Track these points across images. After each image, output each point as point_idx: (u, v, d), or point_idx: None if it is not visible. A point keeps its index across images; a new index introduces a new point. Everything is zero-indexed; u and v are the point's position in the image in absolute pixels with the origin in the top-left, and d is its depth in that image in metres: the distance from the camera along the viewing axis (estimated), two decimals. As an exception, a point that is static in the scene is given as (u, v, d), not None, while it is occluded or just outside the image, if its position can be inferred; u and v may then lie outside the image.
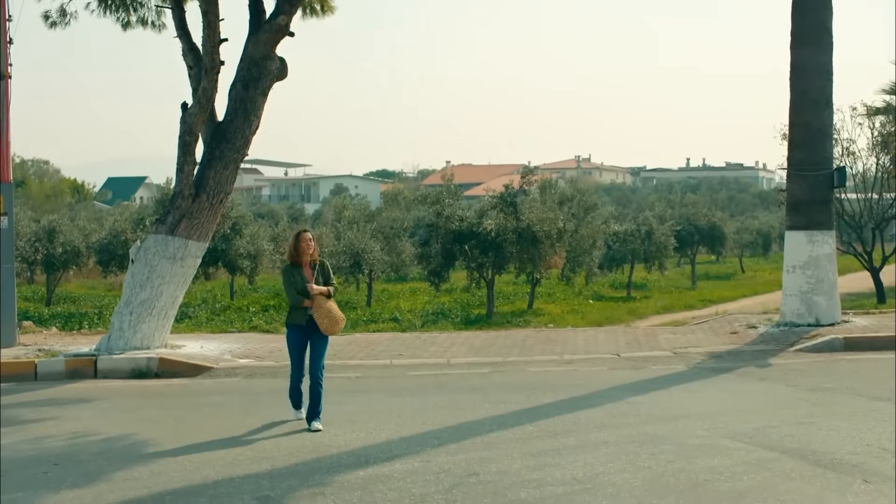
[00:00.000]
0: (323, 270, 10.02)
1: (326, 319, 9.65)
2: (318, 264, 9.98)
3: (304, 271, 9.84)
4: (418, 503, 6.86)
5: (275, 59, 14.91)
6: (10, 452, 8.81)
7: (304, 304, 9.70)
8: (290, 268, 9.91)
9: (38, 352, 14.56)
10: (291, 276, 9.83)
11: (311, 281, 9.76)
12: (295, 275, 9.82)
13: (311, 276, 9.82)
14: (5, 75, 15.10)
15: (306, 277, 9.79)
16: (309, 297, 9.70)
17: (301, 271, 9.84)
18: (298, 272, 9.83)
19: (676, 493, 7.02)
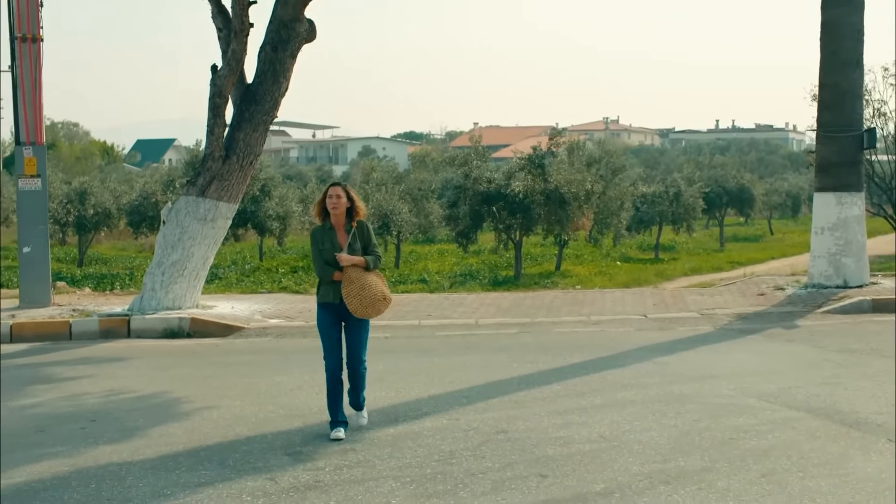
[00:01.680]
0: (361, 235, 7.97)
1: (357, 299, 7.72)
2: (354, 227, 7.95)
3: (338, 235, 7.92)
4: (447, 460, 7.00)
5: (304, 21, 14.95)
6: (48, 409, 9.02)
7: (333, 278, 7.85)
8: (321, 231, 7.99)
9: (73, 312, 14.77)
10: (320, 242, 7.93)
11: (343, 245, 7.87)
12: (324, 239, 7.92)
13: (343, 240, 7.89)
14: (38, 38, 15.22)
15: (339, 243, 7.88)
16: (339, 267, 7.83)
17: (333, 235, 7.91)
18: (329, 237, 7.91)
19: (702, 450, 7.12)
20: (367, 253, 7.97)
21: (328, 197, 7.92)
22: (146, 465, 7.03)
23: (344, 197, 7.91)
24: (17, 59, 15.22)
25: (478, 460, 6.96)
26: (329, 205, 7.90)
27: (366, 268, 7.85)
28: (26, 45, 15.16)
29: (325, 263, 7.89)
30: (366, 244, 8.00)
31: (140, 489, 6.45)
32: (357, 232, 7.96)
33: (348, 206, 7.93)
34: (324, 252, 7.90)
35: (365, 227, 8.05)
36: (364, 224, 8.05)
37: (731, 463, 6.80)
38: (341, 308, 7.83)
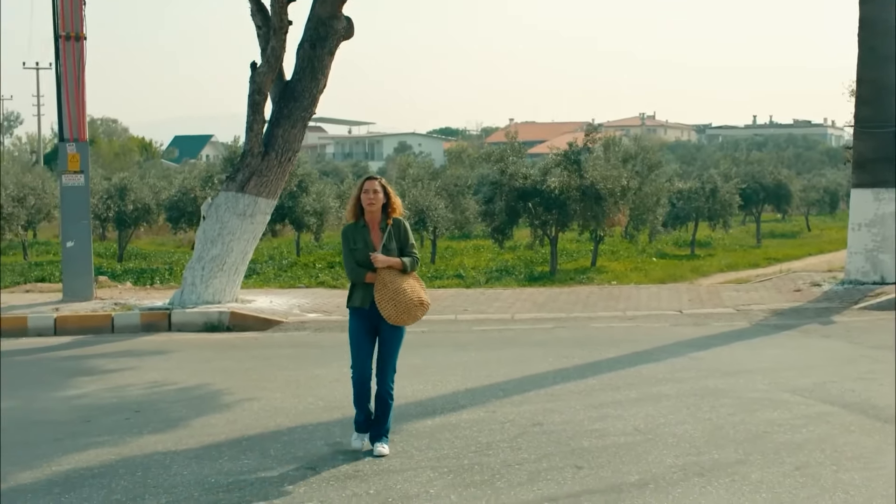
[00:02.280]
0: (397, 234, 7.30)
1: (392, 304, 7.05)
2: (389, 226, 7.27)
3: (371, 234, 7.26)
4: (484, 451, 7.12)
5: (341, 19, 15.11)
6: (93, 400, 9.23)
7: (365, 279, 7.19)
8: (353, 229, 7.32)
9: (115, 305, 15.01)
10: (352, 241, 7.27)
11: (377, 245, 7.21)
12: (356, 238, 7.26)
13: (378, 240, 7.24)
14: (81, 36, 15.47)
15: (372, 243, 7.22)
16: (373, 269, 7.16)
17: (366, 234, 7.26)
18: (362, 235, 7.26)
19: (736, 443, 7.20)
20: (403, 254, 7.26)
21: (363, 192, 7.21)
22: (189, 454, 7.20)
23: (381, 192, 7.21)
24: (60, 57, 15.47)
25: (514, 452, 7.08)
26: (364, 200, 7.19)
27: (402, 270, 7.15)
28: (70, 43, 15.41)
29: (357, 265, 7.22)
30: (402, 244, 7.30)
31: (185, 477, 6.62)
32: (393, 230, 7.27)
33: (384, 202, 7.24)
34: (356, 252, 7.22)
35: (402, 226, 7.33)
36: (401, 222, 7.34)
37: (765, 456, 6.88)
38: (374, 314, 7.13)
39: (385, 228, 7.28)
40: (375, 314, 7.15)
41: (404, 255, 7.26)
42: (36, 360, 11.72)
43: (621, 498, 6.06)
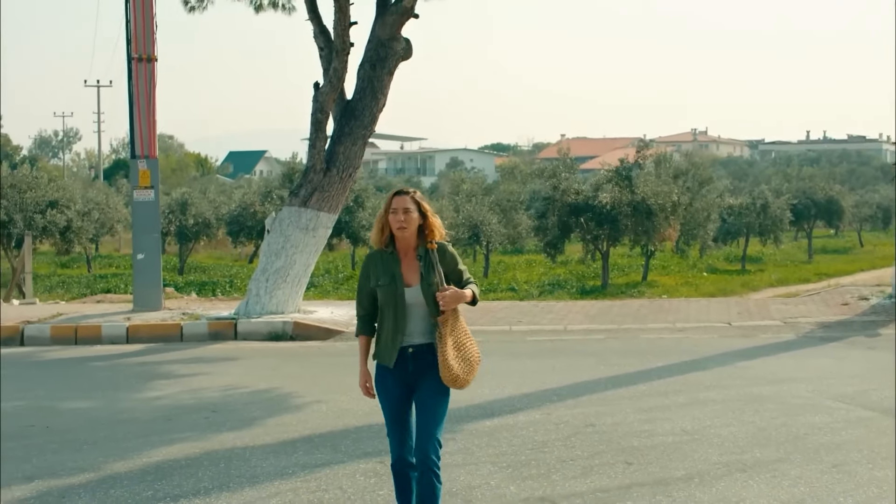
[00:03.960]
0: (443, 260, 5.60)
1: (461, 361, 5.50)
2: (430, 252, 5.58)
3: (403, 266, 5.58)
4: (540, 448, 7.64)
5: (400, 40, 15.70)
6: (172, 401, 9.85)
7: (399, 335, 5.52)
8: (378, 258, 5.65)
9: (182, 315, 15.69)
10: (376, 275, 5.60)
11: (411, 280, 5.53)
12: (383, 270, 5.59)
13: (413, 273, 5.55)
14: (153, 58, 16.21)
15: (402, 278, 5.54)
16: (403, 312, 5.52)
17: (395, 265, 5.58)
18: (389, 267, 5.58)
19: (777, 443, 7.66)
20: (460, 285, 5.64)
21: (391, 212, 5.55)
22: (267, 449, 7.78)
23: (414, 210, 5.55)
24: (133, 78, 16.23)
25: (568, 449, 7.59)
26: (393, 222, 5.54)
27: (472, 302, 5.63)
28: (142, 64, 16.16)
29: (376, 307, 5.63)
30: (451, 273, 5.63)
31: (264, 468, 7.20)
32: (438, 258, 5.57)
33: (420, 222, 5.58)
34: (382, 289, 5.53)
35: (446, 251, 5.65)
36: (445, 247, 5.66)
37: (805, 455, 7.33)
38: (409, 373, 5.54)
39: (423, 257, 5.59)
40: (412, 374, 5.54)
41: (462, 286, 5.63)
42: (113, 366, 12.39)
43: (668, 490, 6.56)
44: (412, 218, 5.57)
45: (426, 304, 5.54)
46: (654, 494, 6.49)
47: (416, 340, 5.55)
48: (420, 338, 5.55)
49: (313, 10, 16.02)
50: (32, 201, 22.35)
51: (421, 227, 5.62)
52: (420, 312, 5.54)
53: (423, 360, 5.54)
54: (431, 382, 5.53)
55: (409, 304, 5.55)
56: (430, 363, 5.52)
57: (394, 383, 5.59)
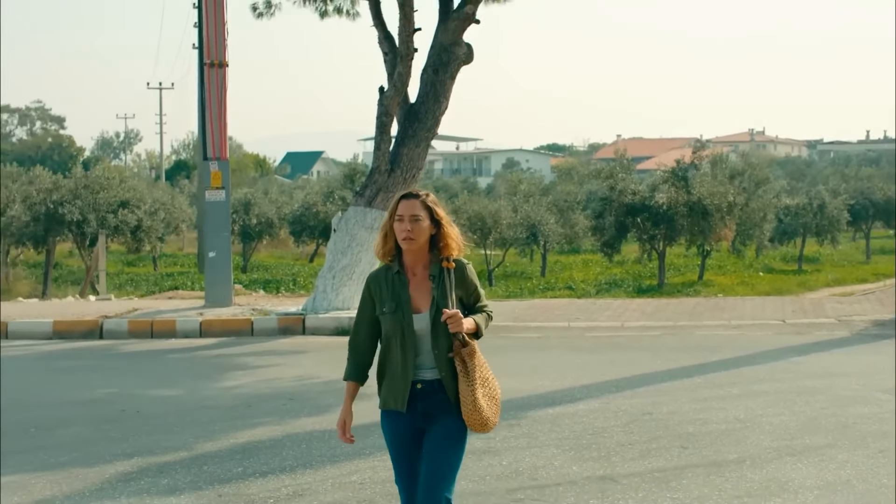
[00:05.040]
0: (462, 282, 4.78)
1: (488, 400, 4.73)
2: (445, 271, 4.73)
3: (411, 287, 4.76)
4: (600, 433, 8.11)
5: (462, 45, 16.21)
6: (250, 390, 10.45)
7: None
8: (382, 277, 4.82)
9: (252, 311, 16.32)
10: (381, 299, 4.77)
11: (420, 305, 4.72)
12: (387, 293, 4.76)
13: (423, 296, 4.73)
14: (224, 64, 16.87)
15: (410, 302, 4.72)
16: (413, 344, 4.70)
17: (402, 287, 4.75)
18: (395, 289, 4.76)
19: (826, 431, 8.07)
20: (473, 311, 4.80)
21: (396, 219, 4.71)
22: (360, 429, 8.30)
23: (425, 218, 4.70)
24: (205, 83, 16.90)
25: (627, 434, 8.06)
26: (398, 232, 4.70)
27: (475, 335, 4.72)
28: (214, 70, 16.83)
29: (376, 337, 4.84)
30: (468, 297, 4.81)
31: (343, 449, 7.73)
32: (450, 280, 4.72)
33: (433, 232, 4.74)
34: (388, 318, 4.72)
35: (464, 273, 4.80)
36: (464, 267, 4.81)
37: (852, 441, 7.74)
38: (419, 418, 4.74)
39: (437, 277, 4.74)
40: (422, 419, 4.74)
41: (473, 311, 4.79)
42: (190, 358, 13.03)
43: (721, 471, 7.02)
44: (422, 227, 4.68)
45: (434, 336, 4.66)
46: (708, 474, 6.94)
47: (426, 375, 4.69)
48: (429, 373, 4.69)
49: (378, 16, 16.56)
50: (105, 201, 23.16)
51: (434, 239, 4.73)
52: (429, 344, 4.68)
53: (433, 398, 4.67)
54: (443, 427, 4.68)
55: (420, 335, 4.70)
56: (441, 403, 4.66)
57: (403, 427, 4.79)
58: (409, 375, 4.69)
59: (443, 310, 4.60)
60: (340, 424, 5.00)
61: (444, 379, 4.67)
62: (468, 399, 4.61)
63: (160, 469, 7.31)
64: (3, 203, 23.53)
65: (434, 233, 4.72)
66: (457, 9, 16.08)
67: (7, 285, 23.39)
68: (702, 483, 6.76)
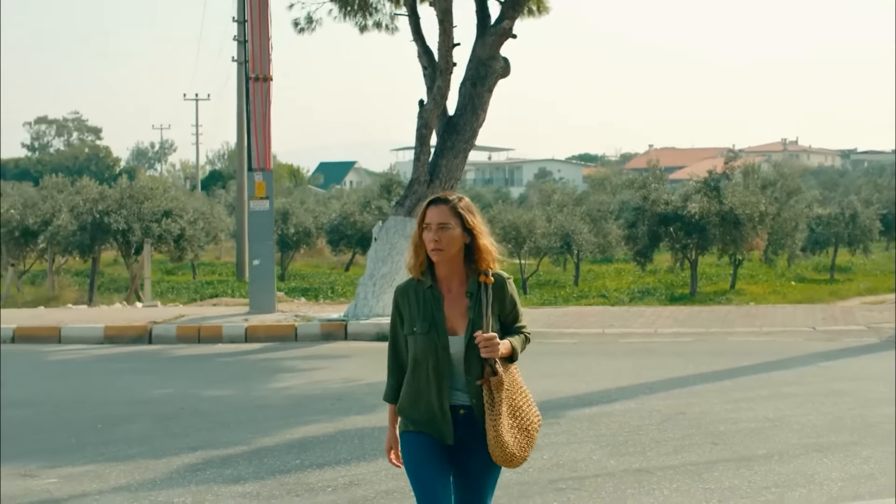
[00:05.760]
0: (501, 299, 4.41)
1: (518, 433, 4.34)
2: (483, 286, 4.35)
3: (446, 304, 4.38)
4: (636, 431, 8.55)
5: (499, 59, 16.69)
6: (299, 391, 10.95)
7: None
8: (412, 292, 4.46)
9: (295, 317, 16.84)
10: (414, 316, 4.40)
11: (457, 327, 4.35)
12: (413, 309, 4.41)
13: (459, 315, 4.37)
14: (268, 78, 17.43)
15: (445, 321, 4.35)
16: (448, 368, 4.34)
17: (435, 302, 4.38)
18: (428, 304, 4.38)
19: (852, 430, 8.48)
20: (507, 333, 4.43)
21: (425, 227, 4.37)
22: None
23: (456, 226, 4.35)
24: (250, 96, 17.47)
25: (661, 432, 8.50)
26: (427, 242, 4.35)
27: (509, 358, 4.38)
28: (259, 84, 17.39)
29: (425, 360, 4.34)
30: (506, 316, 4.45)
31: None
32: (484, 297, 4.34)
33: (466, 241, 4.37)
34: (420, 339, 4.34)
35: (507, 290, 4.42)
36: (504, 283, 4.42)
37: (876, 439, 8.14)
38: (458, 444, 4.36)
39: (475, 293, 4.36)
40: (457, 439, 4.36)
41: (510, 332, 4.44)
42: (238, 361, 13.56)
43: (750, 465, 7.45)
44: (451, 236, 4.31)
45: (468, 361, 4.30)
46: (738, 468, 7.37)
47: (459, 400, 4.33)
48: (462, 397, 4.34)
49: (417, 31, 17.07)
50: (149, 211, 23.77)
51: (468, 249, 4.36)
52: (462, 368, 4.33)
53: (471, 426, 4.32)
54: (480, 458, 4.34)
55: (454, 358, 4.33)
56: (477, 431, 4.30)
57: (429, 454, 4.34)
58: (445, 403, 4.30)
59: (475, 333, 4.24)
60: (388, 449, 4.62)
61: (474, 406, 4.30)
62: (491, 433, 4.23)
63: (223, 461, 7.81)
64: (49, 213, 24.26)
65: (467, 242, 4.33)
66: (494, 24, 16.56)
67: (54, 292, 24.06)
68: (732, 475, 7.20)
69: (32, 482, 7.31)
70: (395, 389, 4.55)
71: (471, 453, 4.35)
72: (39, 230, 24.39)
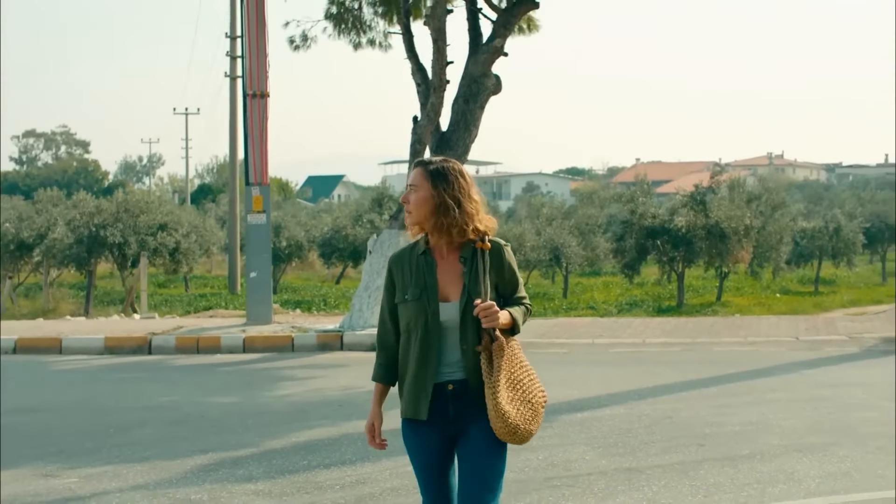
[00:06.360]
0: (498, 266, 4.25)
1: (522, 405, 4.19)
2: (479, 253, 4.20)
3: (439, 268, 4.25)
4: (625, 434, 8.98)
5: (491, 77, 17.15)
6: (301, 398, 11.35)
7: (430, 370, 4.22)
8: (405, 259, 4.33)
9: (292, 328, 17.23)
10: (398, 278, 4.32)
11: (449, 293, 4.22)
12: (406, 276, 4.28)
13: (453, 282, 4.22)
14: (265, 94, 17.85)
15: (436, 286, 4.22)
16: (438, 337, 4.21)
17: (428, 269, 4.25)
18: (420, 270, 4.25)
19: (830, 432, 8.93)
20: (508, 302, 4.30)
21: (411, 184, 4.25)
22: (395, 432, 9.12)
23: (425, 188, 4.20)
24: (248, 112, 17.89)
25: (649, 434, 8.93)
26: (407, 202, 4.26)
27: (511, 331, 4.25)
28: (256, 100, 17.81)
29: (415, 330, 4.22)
30: (504, 286, 4.30)
31: (396, 446, 8.41)
32: (483, 263, 4.19)
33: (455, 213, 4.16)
34: (410, 306, 4.21)
35: (504, 256, 4.27)
36: (502, 249, 4.27)
37: (854, 440, 8.60)
38: (455, 421, 4.27)
39: (470, 259, 4.21)
40: (452, 417, 4.26)
41: (510, 303, 4.30)
42: (238, 370, 13.94)
43: (734, 463, 7.88)
44: (420, 199, 4.17)
45: (463, 330, 4.15)
46: (723, 467, 7.80)
47: (455, 375, 4.18)
48: (459, 372, 4.18)
49: (411, 49, 17.51)
50: (145, 224, 24.14)
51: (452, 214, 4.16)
52: (457, 339, 4.19)
53: (467, 400, 4.17)
54: (481, 433, 4.16)
55: (446, 327, 4.18)
56: (477, 406, 4.14)
57: (430, 435, 4.31)
58: (430, 376, 4.15)
59: (475, 301, 4.06)
60: (369, 428, 4.53)
61: (470, 380, 4.14)
62: (490, 403, 4.04)
63: (234, 462, 8.21)
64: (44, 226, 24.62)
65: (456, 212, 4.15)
66: (486, 42, 17.04)
67: (50, 305, 24.38)
68: (717, 473, 7.63)
69: (55, 481, 7.69)
70: (384, 367, 4.41)
71: (471, 431, 4.17)
72: (35, 243, 24.77)
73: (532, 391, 4.19)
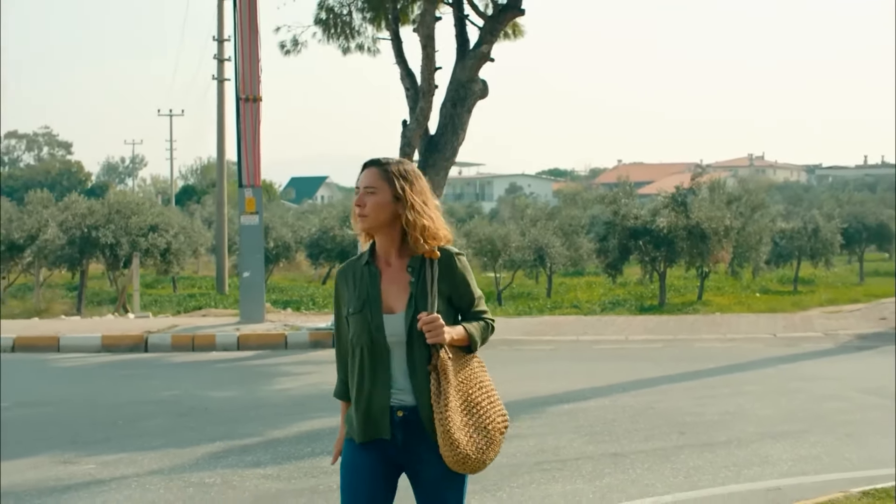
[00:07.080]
0: (449, 275, 3.86)
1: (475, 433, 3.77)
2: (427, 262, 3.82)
3: (384, 278, 3.88)
4: (610, 423, 9.50)
5: (478, 82, 17.64)
6: (297, 392, 11.82)
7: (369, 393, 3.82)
8: (349, 271, 3.98)
9: (284, 326, 17.68)
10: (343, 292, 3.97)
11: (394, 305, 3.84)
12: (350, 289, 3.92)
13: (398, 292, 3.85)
14: (258, 98, 18.30)
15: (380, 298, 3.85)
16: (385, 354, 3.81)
17: (373, 280, 3.88)
18: (363, 281, 3.89)
19: (803, 420, 9.48)
20: (465, 317, 3.94)
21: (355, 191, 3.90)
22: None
23: (384, 190, 3.84)
24: (240, 116, 18.33)
25: (633, 423, 9.45)
26: (353, 207, 3.89)
27: (468, 348, 3.85)
28: (248, 104, 18.25)
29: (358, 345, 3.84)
30: (458, 298, 3.91)
31: (392, 435, 9.09)
32: (429, 273, 3.82)
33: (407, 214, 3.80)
34: (354, 321, 3.86)
35: (455, 265, 3.88)
36: (452, 257, 3.88)
37: (824, 427, 9.15)
38: (403, 450, 3.85)
39: (418, 269, 3.84)
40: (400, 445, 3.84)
41: (467, 318, 3.93)
42: (234, 367, 14.39)
43: (712, 449, 8.42)
44: (378, 203, 3.80)
45: (410, 347, 3.77)
46: (702, 452, 8.33)
47: (405, 399, 3.80)
48: (407, 396, 3.80)
49: (400, 55, 17.98)
50: (136, 225, 24.52)
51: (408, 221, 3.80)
52: (404, 356, 3.80)
53: (416, 428, 3.79)
54: (433, 467, 3.78)
55: (392, 343, 3.81)
56: (425, 436, 3.77)
57: (368, 460, 3.85)
58: (376, 399, 3.77)
59: (419, 314, 3.71)
60: (335, 454, 4.09)
61: (420, 406, 3.74)
62: (439, 430, 3.66)
63: (242, 450, 8.67)
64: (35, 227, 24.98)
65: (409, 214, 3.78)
66: (473, 48, 17.52)
67: (41, 305, 24.74)
68: (696, 458, 8.14)
69: (74, 468, 8.14)
70: (344, 384, 3.96)
71: (422, 462, 3.80)
72: (26, 244, 25.12)
73: (490, 416, 3.79)
